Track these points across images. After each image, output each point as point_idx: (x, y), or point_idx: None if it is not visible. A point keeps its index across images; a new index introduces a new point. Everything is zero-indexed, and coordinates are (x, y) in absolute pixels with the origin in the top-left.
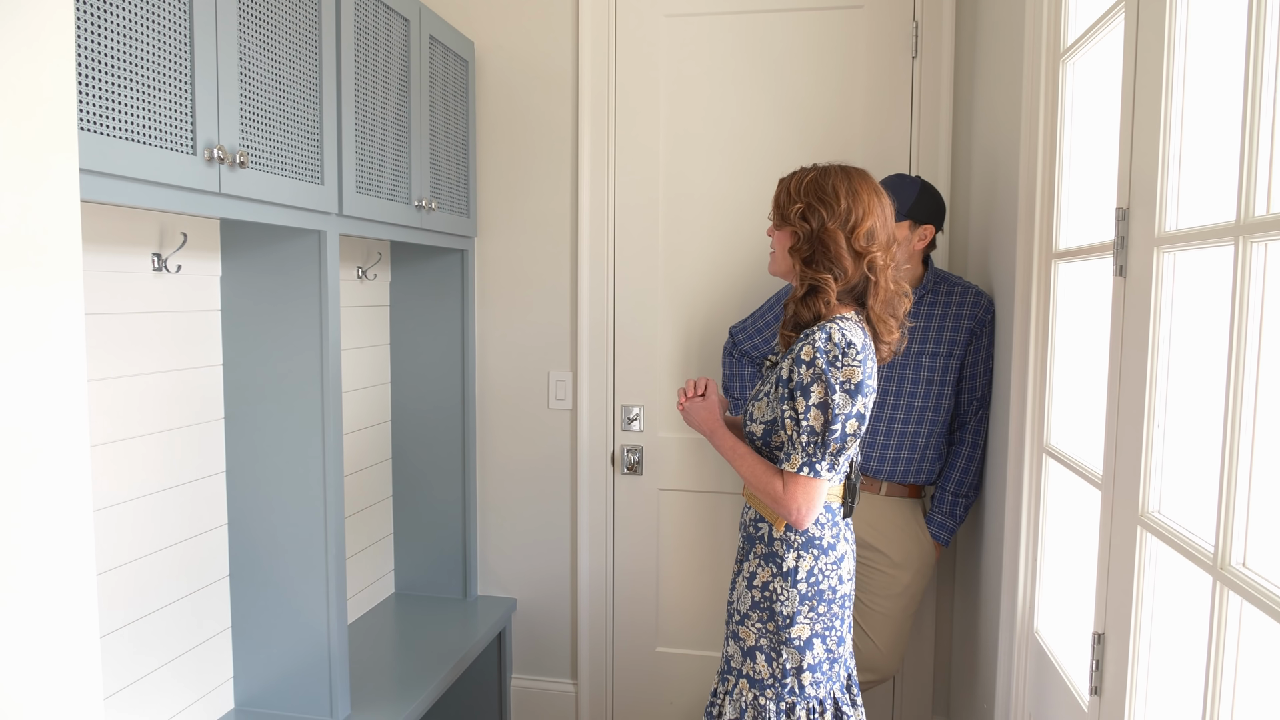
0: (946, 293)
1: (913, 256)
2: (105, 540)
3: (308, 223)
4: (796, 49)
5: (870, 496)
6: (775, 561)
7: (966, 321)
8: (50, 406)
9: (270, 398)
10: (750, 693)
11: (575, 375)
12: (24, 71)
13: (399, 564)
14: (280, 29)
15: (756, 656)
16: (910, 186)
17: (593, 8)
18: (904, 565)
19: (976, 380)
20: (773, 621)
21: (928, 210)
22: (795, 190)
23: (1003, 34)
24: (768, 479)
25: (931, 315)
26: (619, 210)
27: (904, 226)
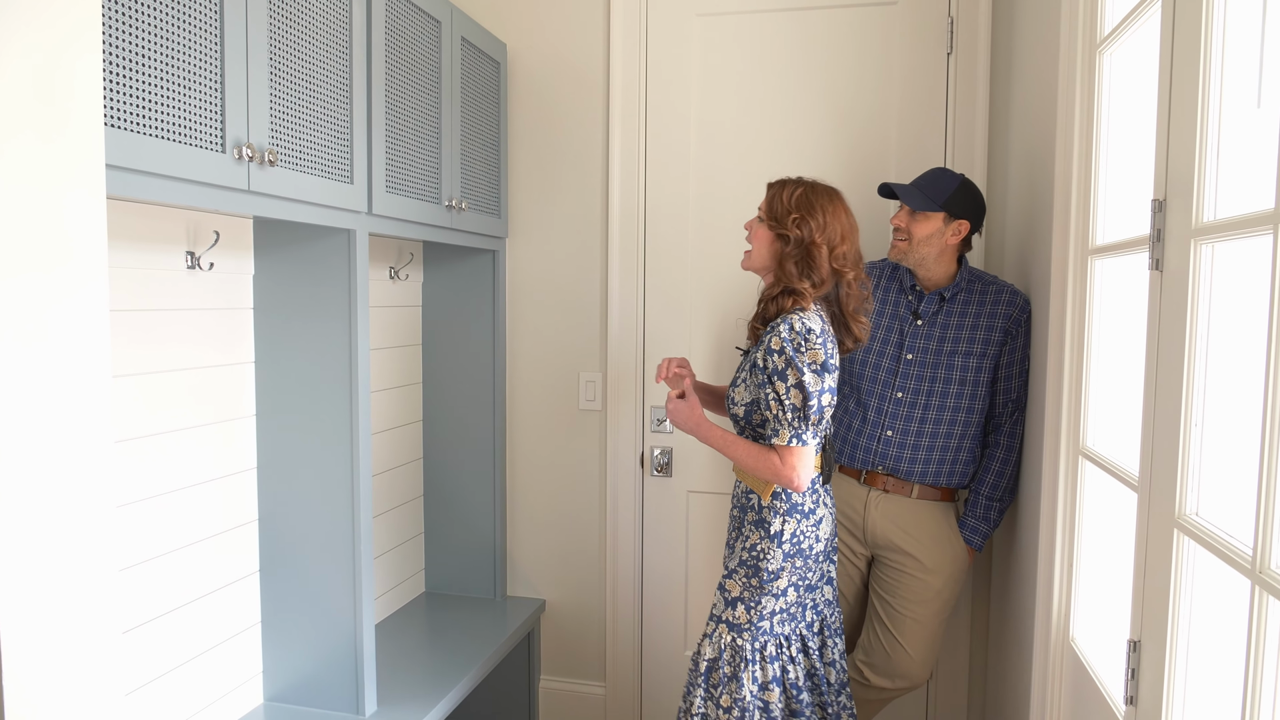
0: (981, 291)
1: (945, 252)
2: (138, 533)
3: (337, 221)
4: (830, 47)
5: (901, 499)
6: (764, 526)
7: (1001, 321)
8: (71, 403)
9: (301, 395)
10: (729, 635)
11: (605, 376)
12: (50, 67)
13: (429, 563)
14: (310, 29)
15: (737, 606)
16: (950, 179)
17: (624, 8)
18: (936, 570)
19: (1012, 381)
20: (756, 577)
21: (965, 206)
22: (789, 200)
23: (1039, 26)
24: (763, 456)
25: (965, 314)
26: (649, 210)
27: (937, 218)
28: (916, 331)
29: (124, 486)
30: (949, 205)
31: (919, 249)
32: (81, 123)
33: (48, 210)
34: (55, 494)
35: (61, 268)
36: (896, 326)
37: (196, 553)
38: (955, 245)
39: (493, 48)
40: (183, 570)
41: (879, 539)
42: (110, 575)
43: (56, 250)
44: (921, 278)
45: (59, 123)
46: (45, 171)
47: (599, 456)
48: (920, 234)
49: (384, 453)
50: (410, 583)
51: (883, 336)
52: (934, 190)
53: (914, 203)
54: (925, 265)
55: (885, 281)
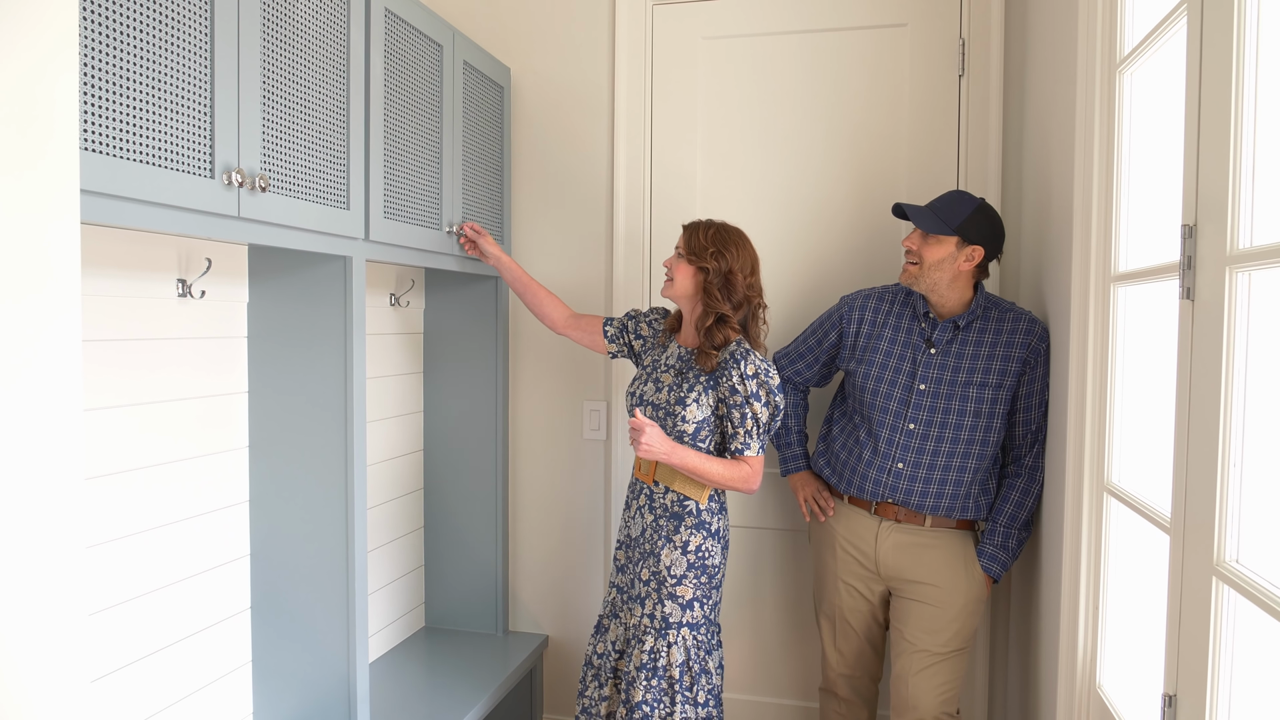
0: (998, 319)
1: (958, 278)
2: (127, 569)
3: (333, 248)
4: (838, 69)
5: (914, 529)
6: (705, 528)
7: (1019, 350)
8: (41, 435)
9: (295, 426)
10: (690, 635)
11: (609, 405)
12: (21, 87)
13: (429, 596)
14: (306, 52)
15: (694, 606)
16: (965, 203)
17: (629, 32)
18: (949, 600)
19: (1032, 413)
20: (704, 574)
21: (980, 232)
22: (706, 237)
23: (1054, 47)
24: (735, 467)
25: (981, 343)
26: (654, 235)
27: (950, 242)
28: (930, 360)
29: (113, 521)
30: (963, 229)
31: (930, 274)
32: (57, 149)
33: (20, 239)
34: (24, 533)
35: (33, 297)
36: (909, 355)
37: (186, 589)
38: (969, 271)
39: (496, 72)
40: (172, 607)
41: (891, 571)
42: (81, 615)
43: (28, 280)
44: (934, 304)
45: (33, 150)
46: (16, 199)
47: (603, 487)
48: (931, 258)
49: (384, 483)
50: (410, 617)
51: (894, 365)
52: (948, 213)
53: (925, 225)
54: (937, 291)
55: (897, 308)
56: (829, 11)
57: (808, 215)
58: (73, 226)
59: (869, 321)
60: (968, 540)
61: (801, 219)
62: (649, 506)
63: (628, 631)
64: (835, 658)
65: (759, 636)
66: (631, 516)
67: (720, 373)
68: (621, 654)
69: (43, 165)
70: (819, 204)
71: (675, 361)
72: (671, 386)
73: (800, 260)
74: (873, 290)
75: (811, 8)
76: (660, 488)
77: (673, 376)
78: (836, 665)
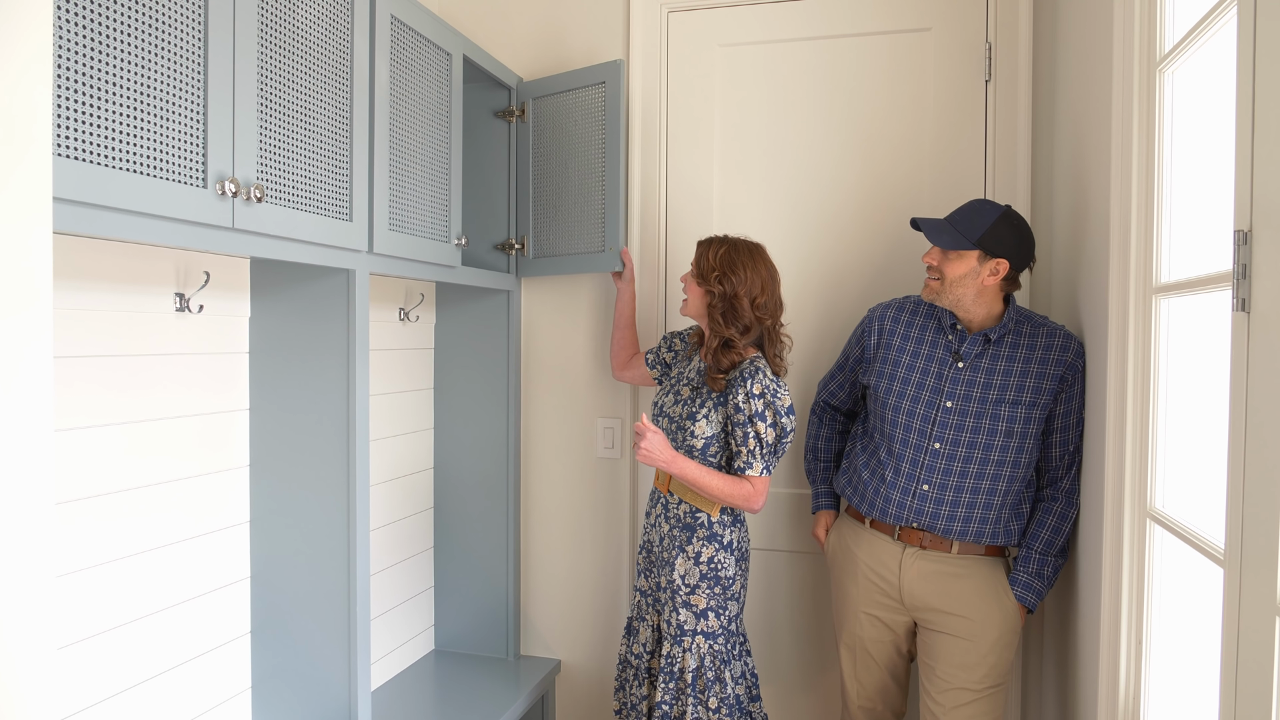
0: (1030, 334)
1: (983, 293)
2: (123, 593)
3: (335, 261)
4: (860, 76)
5: (940, 555)
6: (717, 539)
7: (1054, 368)
8: (6, 459)
9: (297, 445)
10: (706, 644)
11: (624, 423)
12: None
13: (439, 619)
14: (306, 59)
15: (708, 615)
16: (986, 213)
17: (644, 39)
18: (980, 633)
19: (1069, 433)
20: (718, 585)
21: (1004, 243)
22: (713, 259)
23: (1087, 49)
24: (736, 484)
25: (1013, 359)
26: (669, 246)
27: (971, 257)
28: (957, 376)
29: (109, 542)
30: (985, 242)
31: (952, 290)
32: (31, 165)
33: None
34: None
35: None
36: (934, 370)
37: (184, 613)
38: (995, 285)
39: (507, 80)
40: (170, 632)
41: (916, 600)
42: (50, 648)
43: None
44: (962, 319)
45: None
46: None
47: (617, 507)
48: (952, 274)
49: (393, 502)
50: (419, 640)
51: (918, 381)
52: (968, 225)
53: (942, 240)
54: (962, 306)
55: (922, 320)
56: (849, 17)
57: (829, 225)
58: (45, 242)
59: (889, 332)
60: (998, 568)
61: (822, 229)
62: (664, 516)
63: (656, 633)
64: (855, 689)
65: (774, 664)
66: (652, 524)
67: (728, 390)
68: (653, 654)
69: (15, 181)
70: (840, 214)
71: (694, 375)
72: (686, 400)
73: (821, 272)
74: (896, 300)
75: (831, 13)
76: (674, 498)
77: (689, 390)
78: (857, 697)
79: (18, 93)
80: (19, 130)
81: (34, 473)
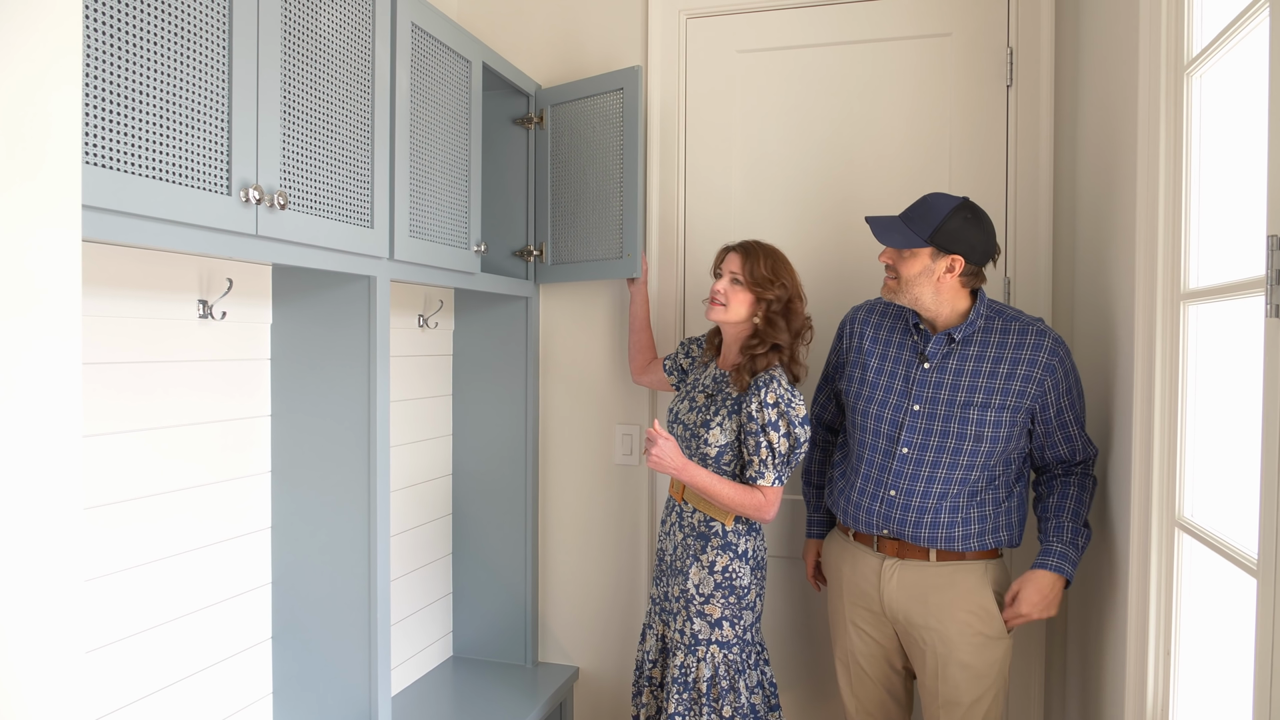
0: (1002, 330)
1: (942, 290)
2: (147, 597)
3: (356, 267)
4: (880, 81)
5: (918, 565)
6: (731, 549)
7: (1027, 368)
8: (35, 464)
9: (317, 451)
10: (720, 653)
11: (642, 429)
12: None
13: (457, 625)
14: (328, 67)
15: (723, 625)
16: (941, 205)
17: (662, 46)
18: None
19: (1069, 429)
20: (733, 594)
21: (958, 239)
22: (765, 268)
23: (1112, 53)
24: (747, 493)
25: (983, 358)
26: (689, 253)
27: (924, 254)
28: (924, 379)
29: (132, 548)
30: (937, 238)
31: (909, 289)
32: (54, 164)
33: (12, 254)
34: (14, 575)
35: (22, 317)
36: (901, 372)
37: (206, 618)
38: (954, 281)
39: (526, 88)
40: (192, 637)
41: (897, 613)
42: (76, 655)
43: (12, 297)
44: (925, 318)
45: (23, 164)
46: (6, 214)
47: (635, 514)
48: (907, 273)
49: (411, 508)
50: (437, 646)
51: (885, 384)
52: (920, 222)
53: (892, 240)
54: (922, 305)
55: (891, 321)
56: (869, 22)
57: (849, 233)
58: (71, 245)
59: (860, 335)
60: (980, 576)
61: (842, 237)
62: (679, 524)
63: (660, 643)
64: (853, 705)
65: (796, 671)
66: (666, 532)
67: (743, 398)
68: (655, 663)
69: (35, 181)
70: (861, 220)
71: (710, 383)
72: (701, 408)
73: (840, 279)
74: (869, 301)
75: (850, 19)
76: (688, 506)
77: (704, 398)
78: (855, 713)
79: (39, 92)
80: (36, 130)
81: (62, 478)
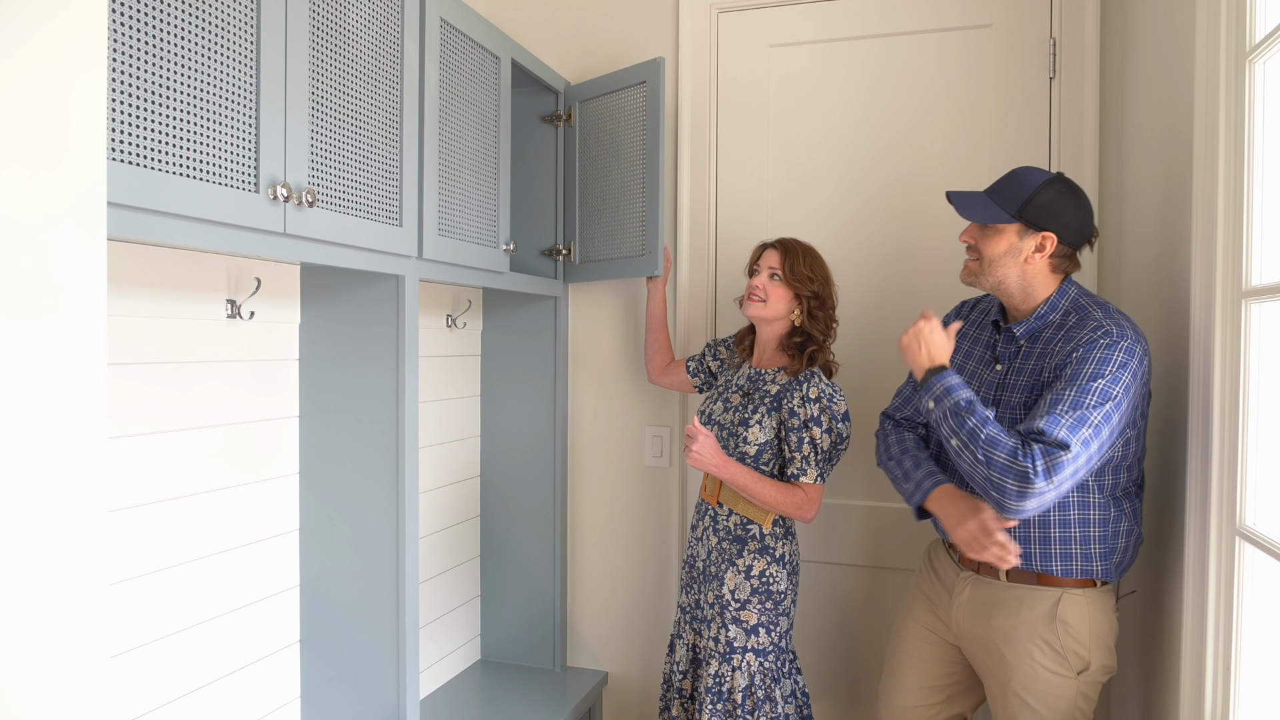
0: (1077, 325)
1: (1029, 274)
2: (177, 599)
3: (384, 266)
4: (918, 75)
5: (990, 582)
6: (769, 553)
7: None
8: (56, 466)
9: (346, 452)
10: (756, 661)
11: (672, 431)
12: (28, 85)
13: (485, 628)
14: (356, 64)
15: (759, 632)
16: (1032, 179)
17: (693, 43)
18: (1030, 683)
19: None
20: (769, 600)
21: (1051, 214)
22: (805, 263)
23: (1164, 42)
24: (788, 492)
25: (1045, 357)
26: (720, 252)
27: (1010, 231)
28: (993, 381)
29: (161, 549)
30: (1027, 213)
31: (992, 270)
32: (73, 156)
33: (27, 250)
34: (40, 580)
35: (48, 315)
36: (978, 374)
37: (234, 621)
38: (1043, 264)
39: (555, 84)
40: (220, 640)
41: (963, 630)
42: (101, 658)
43: (37, 296)
44: (1009, 308)
45: (41, 156)
46: (28, 207)
47: (665, 517)
48: (991, 252)
49: (440, 510)
50: (465, 650)
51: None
52: (1008, 196)
53: (976, 214)
54: (1006, 290)
55: (979, 315)
56: (906, 14)
57: (887, 228)
58: (94, 241)
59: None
60: (1051, 607)
61: (881, 233)
62: (713, 529)
63: (691, 653)
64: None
65: (827, 680)
66: (698, 538)
67: (783, 394)
68: (685, 674)
69: (54, 173)
70: (899, 217)
71: (745, 383)
72: (738, 407)
73: (877, 274)
74: (975, 297)
75: (885, 11)
76: (724, 510)
77: (740, 397)
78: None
79: (58, 80)
80: (54, 120)
81: (85, 480)
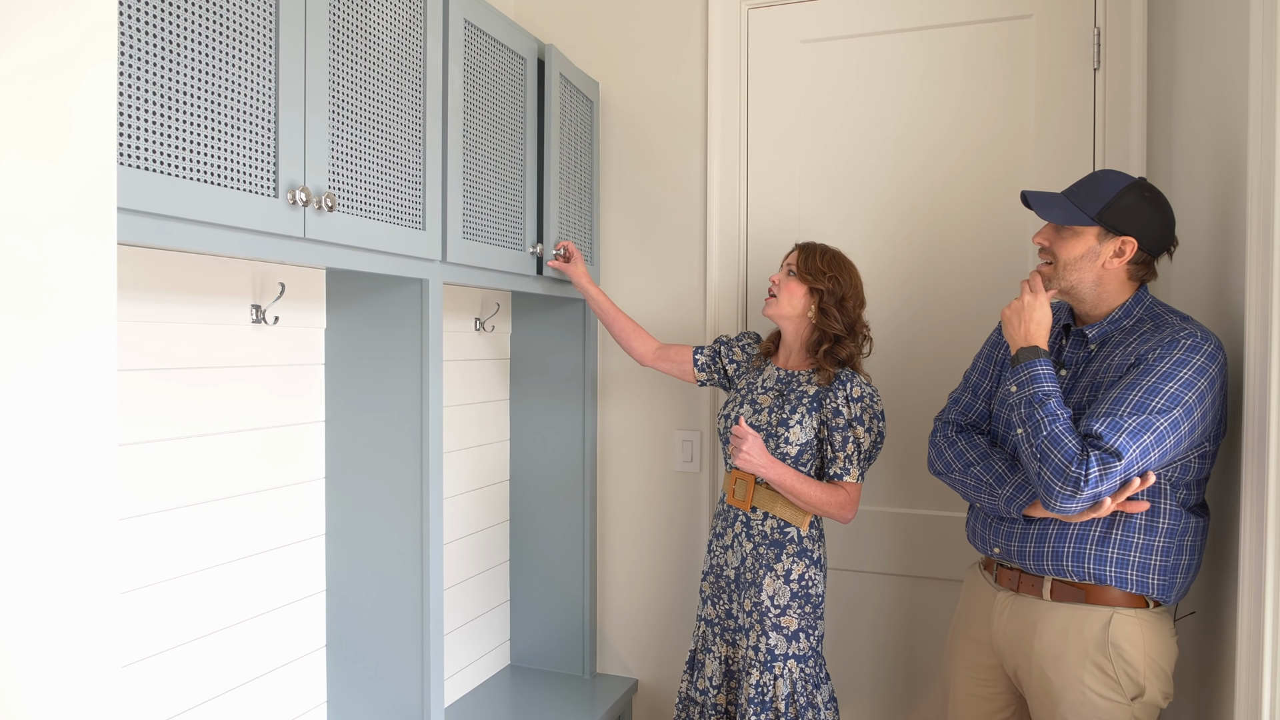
0: (1151, 331)
1: (1105, 279)
2: (203, 605)
3: (408, 270)
4: (954, 69)
5: (1030, 600)
6: (807, 555)
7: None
8: (70, 473)
9: (371, 457)
10: (798, 668)
11: (703, 435)
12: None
13: (515, 633)
14: (378, 66)
15: (799, 637)
16: (1113, 182)
17: (723, 40)
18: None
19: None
20: (809, 604)
21: (1132, 218)
22: (822, 261)
23: (1215, 28)
24: (832, 492)
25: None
26: (750, 257)
27: (1089, 234)
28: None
29: (187, 555)
30: (1107, 217)
31: (1067, 274)
32: (81, 147)
33: (24, 249)
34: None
35: (45, 316)
36: None
37: (260, 626)
38: (1120, 269)
39: (585, 85)
40: (245, 645)
41: (1004, 651)
42: (111, 668)
43: (36, 296)
44: (1080, 313)
45: (49, 152)
46: (23, 206)
47: (695, 523)
48: (1067, 255)
49: (469, 514)
50: (495, 654)
51: None
52: (1087, 198)
53: (1054, 215)
54: (1078, 296)
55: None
56: (941, 6)
57: (925, 227)
58: (99, 242)
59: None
60: (1108, 624)
61: (917, 232)
62: (746, 534)
63: (726, 665)
64: None
65: (853, 689)
66: (727, 545)
67: (824, 394)
68: (720, 688)
69: (52, 171)
70: (937, 215)
71: (774, 384)
72: (772, 408)
73: (908, 287)
74: None
75: (921, 3)
76: (758, 514)
77: (772, 399)
78: None
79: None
80: (57, 116)
81: (93, 487)
